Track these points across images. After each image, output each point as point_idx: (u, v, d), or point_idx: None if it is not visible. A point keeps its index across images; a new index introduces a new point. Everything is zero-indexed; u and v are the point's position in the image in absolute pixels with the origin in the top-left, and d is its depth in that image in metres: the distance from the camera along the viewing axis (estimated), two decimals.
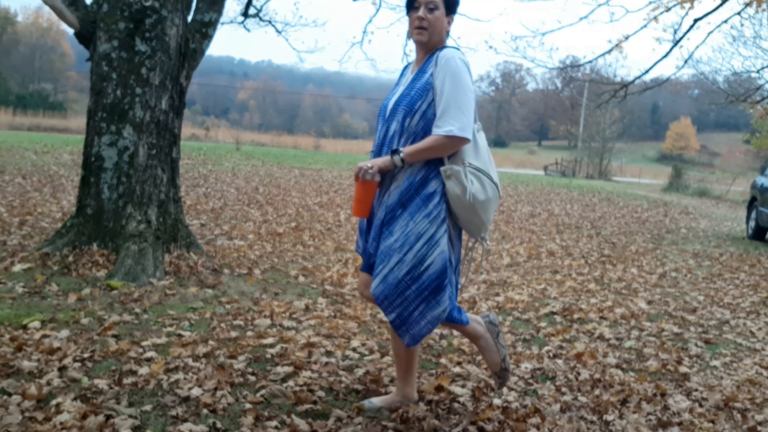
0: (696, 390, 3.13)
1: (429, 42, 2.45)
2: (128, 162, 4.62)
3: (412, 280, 2.34)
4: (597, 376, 3.20)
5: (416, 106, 2.39)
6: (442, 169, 2.37)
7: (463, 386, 2.92)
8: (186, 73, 4.98)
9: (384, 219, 2.40)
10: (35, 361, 2.79)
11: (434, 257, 2.33)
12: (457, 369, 3.16)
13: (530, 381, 3.09)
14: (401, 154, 2.36)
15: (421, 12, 2.40)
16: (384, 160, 2.39)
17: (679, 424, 2.70)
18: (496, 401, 2.78)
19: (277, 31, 10.14)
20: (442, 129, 2.32)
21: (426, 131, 2.38)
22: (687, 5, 10.27)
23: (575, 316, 4.42)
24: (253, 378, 2.83)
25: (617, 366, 3.42)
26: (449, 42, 2.54)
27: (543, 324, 4.17)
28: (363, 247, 2.59)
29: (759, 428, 2.71)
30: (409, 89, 2.44)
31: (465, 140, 2.34)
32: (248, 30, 10.05)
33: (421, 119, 2.38)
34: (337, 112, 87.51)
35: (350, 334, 3.60)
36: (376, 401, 2.64)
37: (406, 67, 2.65)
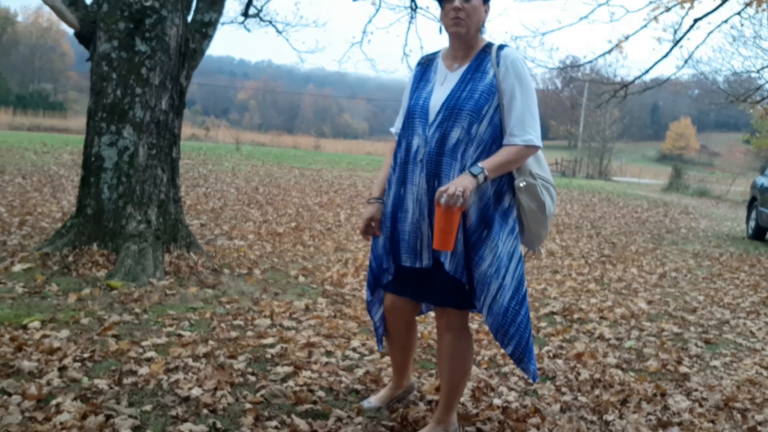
0: (696, 390, 3.13)
1: (467, 34, 2.21)
2: (128, 162, 4.62)
3: (519, 305, 2.21)
4: (597, 376, 3.20)
5: (483, 111, 2.17)
6: (516, 182, 2.21)
7: None
8: (186, 73, 4.98)
9: (470, 241, 2.18)
10: (35, 361, 2.79)
11: (523, 275, 2.23)
12: None
13: (530, 381, 3.09)
14: (484, 172, 2.10)
15: (457, 2, 2.16)
16: (470, 180, 2.07)
17: (679, 424, 2.70)
18: (496, 401, 2.78)
19: (278, 31, 10.13)
20: (520, 138, 2.15)
21: (494, 138, 2.19)
22: (687, 5, 10.27)
23: (575, 316, 4.42)
24: (253, 378, 2.83)
25: (617, 366, 3.42)
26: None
27: (543, 324, 4.17)
28: (387, 265, 2.35)
29: (759, 428, 2.71)
30: (467, 91, 2.19)
31: (539, 149, 2.22)
32: (248, 30, 10.05)
33: (489, 126, 2.18)
34: (337, 112, 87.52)
35: (350, 334, 3.60)
36: (374, 401, 2.64)
37: (428, 64, 2.37)
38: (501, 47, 2.24)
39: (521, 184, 2.20)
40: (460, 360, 2.34)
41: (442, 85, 2.26)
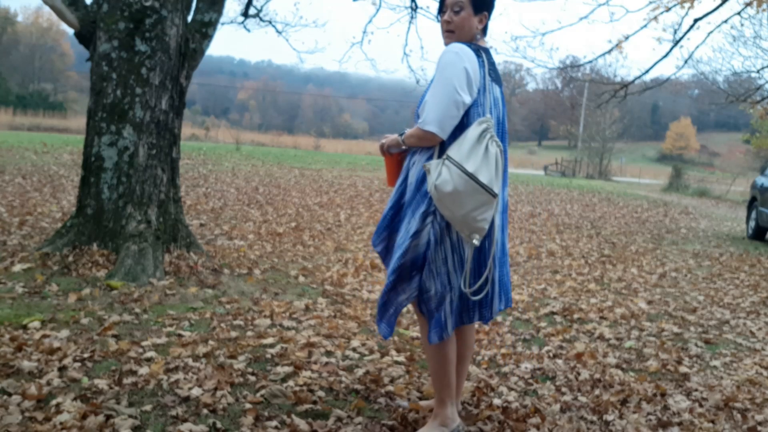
0: (696, 390, 3.13)
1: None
2: (128, 162, 4.62)
3: (392, 272, 2.37)
4: (597, 376, 3.20)
5: (421, 108, 2.40)
6: (423, 165, 2.36)
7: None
8: (186, 73, 4.98)
9: (399, 215, 2.46)
10: (35, 361, 2.79)
11: (407, 246, 2.33)
12: None
13: (530, 381, 3.09)
14: (402, 136, 2.45)
15: (447, 15, 2.39)
16: (392, 137, 2.51)
17: (679, 424, 2.70)
18: (496, 401, 2.78)
19: (278, 31, 10.14)
20: (420, 120, 2.35)
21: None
22: (687, 5, 10.27)
23: (575, 316, 4.42)
24: (253, 378, 2.83)
25: (617, 366, 3.42)
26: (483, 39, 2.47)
27: (543, 324, 4.17)
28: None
29: (759, 428, 2.71)
30: (426, 90, 2.46)
31: (432, 135, 2.27)
32: (248, 30, 10.05)
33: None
34: (337, 112, 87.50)
35: (350, 334, 3.60)
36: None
37: None
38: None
39: (426, 167, 2.32)
40: (425, 344, 2.44)
41: None
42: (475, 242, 2.29)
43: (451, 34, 2.40)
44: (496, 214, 2.35)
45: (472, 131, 2.28)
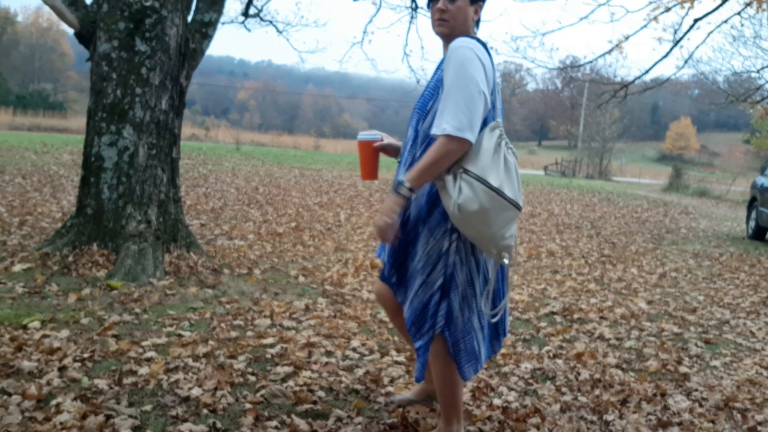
0: (696, 390, 3.13)
1: (452, 34, 2.19)
2: (128, 162, 4.62)
3: (437, 304, 2.14)
4: (597, 376, 3.20)
5: (428, 107, 2.17)
6: (435, 181, 2.08)
7: (463, 386, 2.92)
8: (186, 73, 4.98)
9: (408, 237, 2.20)
10: (35, 361, 2.79)
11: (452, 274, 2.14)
12: None
13: (530, 381, 3.09)
14: (405, 184, 2.05)
15: (441, 4, 2.18)
16: (393, 201, 2.07)
17: (679, 424, 2.70)
18: (496, 401, 2.78)
19: (278, 31, 10.13)
20: (437, 128, 2.03)
21: None
22: (687, 5, 10.27)
23: (575, 316, 4.42)
24: (253, 378, 2.83)
25: (617, 366, 3.42)
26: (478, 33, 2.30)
27: (543, 324, 4.17)
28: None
29: (759, 428, 2.71)
30: (425, 89, 2.23)
31: (464, 141, 2.00)
32: (248, 30, 10.04)
33: (432, 121, 2.12)
34: (337, 112, 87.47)
35: (350, 334, 3.60)
36: (409, 394, 2.60)
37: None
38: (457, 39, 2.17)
39: (440, 184, 2.08)
40: (434, 364, 2.25)
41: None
42: (506, 261, 2.10)
43: (444, 23, 2.19)
44: None
45: (487, 139, 2.07)
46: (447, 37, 2.22)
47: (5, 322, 3.28)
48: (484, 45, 2.17)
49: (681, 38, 10.84)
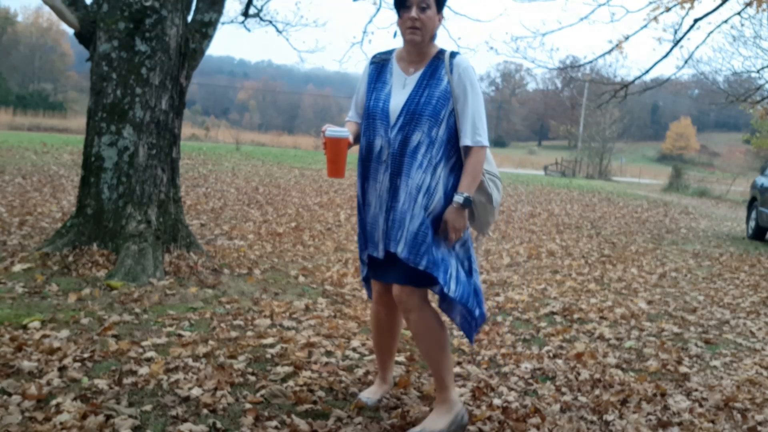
0: (696, 390, 3.13)
1: (422, 42, 2.39)
2: (128, 162, 4.62)
3: (472, 272, 2.51)
4: (597, 376, 3.20)
5: (441, 115, 2.39)
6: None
7: (463, 386, 2.92)
8: (186, 73, 4.98)
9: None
10: (35, 361, 2.79)
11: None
12: (457, 369, 3.16)
13: (530, 381, 3.09)
14: (465, 196, 2.39)
15: (414, 12, 2.34)
16: (460, 214, 2.39)
17: (679, 424, 2.70)
18: (496, 401, 2.78)
19: (278, 31, 10.13)
20: (472, 140, 2.39)
21: (449, 138, 2.41)
22: (687, 5, 10.27)
23: (575, 316, 4.42)
24: (253, 378, 2.83)
25: (617, 366, 3.42)
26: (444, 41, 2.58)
27: (543, 324, 4.17)
28: (364, 257, 2.61)
29: (759, 428, 2.71)
30: (425, 96, 2.39)
31: (487, 147, 2.46)
32: (248, 30, 10.05)
33: (446, 128, 2.40)
34: (337, 112, 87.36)
35: (350, 334, 3.60)
36: (371, 395, 2.68)
37: (382, 64, 2.52)
38: (453, 55, 2.44)
39: None
40: (430, 334, 2.46)
41: (403, 89, 2.43)
42: (490, 233, 2.57)
43: (416, 31, 2.35)
44: None
45: None
46: (417, 44, 2.41)
47: (5, 322, 3.28)
48: None
49: (681, 38, 10.85)
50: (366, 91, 2.51)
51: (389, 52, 2.54)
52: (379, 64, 2.52)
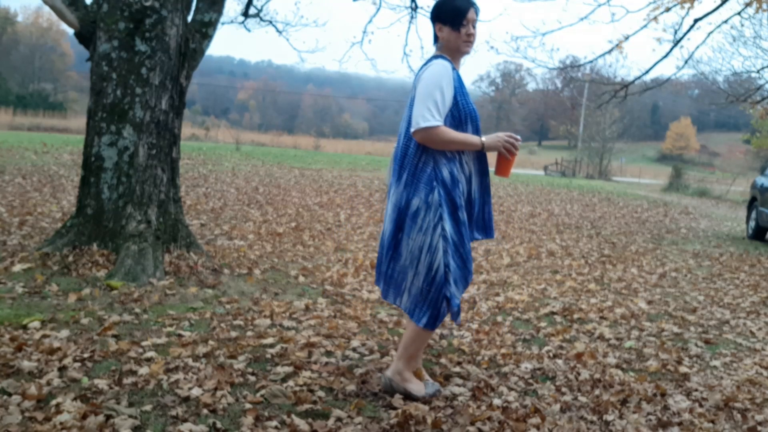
0: (696, 390, 3.13)
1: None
2: (128, 162, 4.62)
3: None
4: (597, 376, 3.20)
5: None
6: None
7: (462, 386, 2.92)
8: (186, 73, 4.98)
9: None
10: (35, 361, 2.79)
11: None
12: (456, 369, 3.16)
13: (530, 381, 3.09)
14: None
15: (472, 29, 2.70)
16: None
17: (679, 424, 2.70)
18: (496, 401, 2.78)
19: (278, 31, 10.11)
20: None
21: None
22: (687, 5, 10.26)
23: (575, 316, 4.42)
24: (253, 378, 2.83)
25: (617, 366, 3.42)
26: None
27: (543, 324, 4.17)
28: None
29: (759, 428, 2.71)
30: (469, 96, 2.77)
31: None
32: (248, 30, 10.03)
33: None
34: (337, 112, 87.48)
35: (350, 334, 3.60)
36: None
37: (455, 71, 2.77)
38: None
39: None
40: (416, 331, 2.74)
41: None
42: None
43: (471, 45, 2.72)
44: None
45: None
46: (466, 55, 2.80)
47: (5, 322, 3.29)
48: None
49: (681, 38, 10.83)
50: (456, 95, 2.68)
51: (446, 58, 2.73)
52: (457, 73, 2.75)
